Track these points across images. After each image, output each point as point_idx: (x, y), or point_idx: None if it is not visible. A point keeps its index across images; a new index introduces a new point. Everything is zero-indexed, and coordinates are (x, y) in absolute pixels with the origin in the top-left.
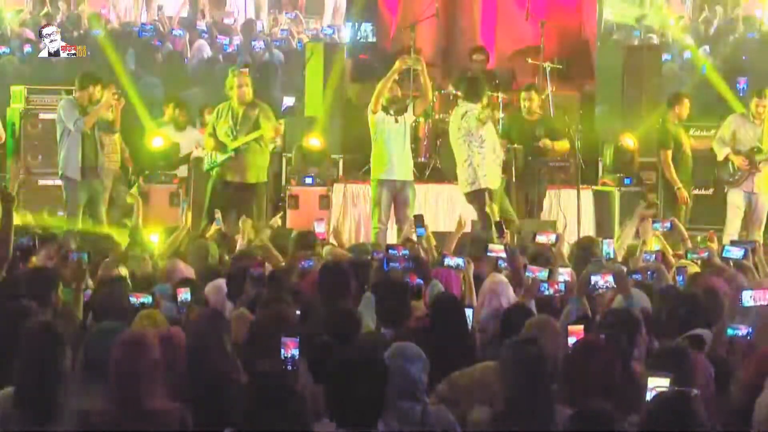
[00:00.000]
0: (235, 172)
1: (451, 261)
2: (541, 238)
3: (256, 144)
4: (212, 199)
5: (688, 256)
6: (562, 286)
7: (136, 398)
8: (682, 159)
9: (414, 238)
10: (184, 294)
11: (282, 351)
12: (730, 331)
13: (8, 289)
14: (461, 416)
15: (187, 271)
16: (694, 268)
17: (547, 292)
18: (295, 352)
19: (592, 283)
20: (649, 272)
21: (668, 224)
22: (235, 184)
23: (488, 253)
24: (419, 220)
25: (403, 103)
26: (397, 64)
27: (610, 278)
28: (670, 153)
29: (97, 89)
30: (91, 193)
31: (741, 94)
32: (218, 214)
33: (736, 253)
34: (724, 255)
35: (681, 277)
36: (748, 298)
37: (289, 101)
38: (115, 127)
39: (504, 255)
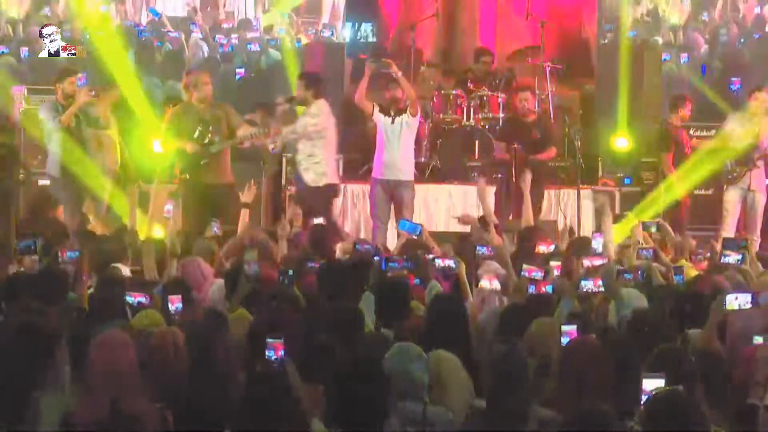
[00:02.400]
0: (215, 174)
1: (443, 263)
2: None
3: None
4: (201, 202)
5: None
6: (549, 288)
7: (113, 399)
8: (684, 160)
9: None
10: (177, 304)
11: (269, 353)
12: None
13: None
14: None
15: (207, 271)
16: (691, 270)
17: (534, 292)
18: (282, 354)
19: (583, 287)
20: (639, 271)
21: (656, 225)
22: (218, 185)
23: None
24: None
25: (402, 103)
26: (366, 69)
27: (600, 282)
28: (671, 156)
29: (66, 83)
30: (76, 191)
31: (735, 95)
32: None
33: (733, 257)
34: (722, 260)
35: (680, 277)
36: (732, 300)
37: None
38: (103, 123)
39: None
